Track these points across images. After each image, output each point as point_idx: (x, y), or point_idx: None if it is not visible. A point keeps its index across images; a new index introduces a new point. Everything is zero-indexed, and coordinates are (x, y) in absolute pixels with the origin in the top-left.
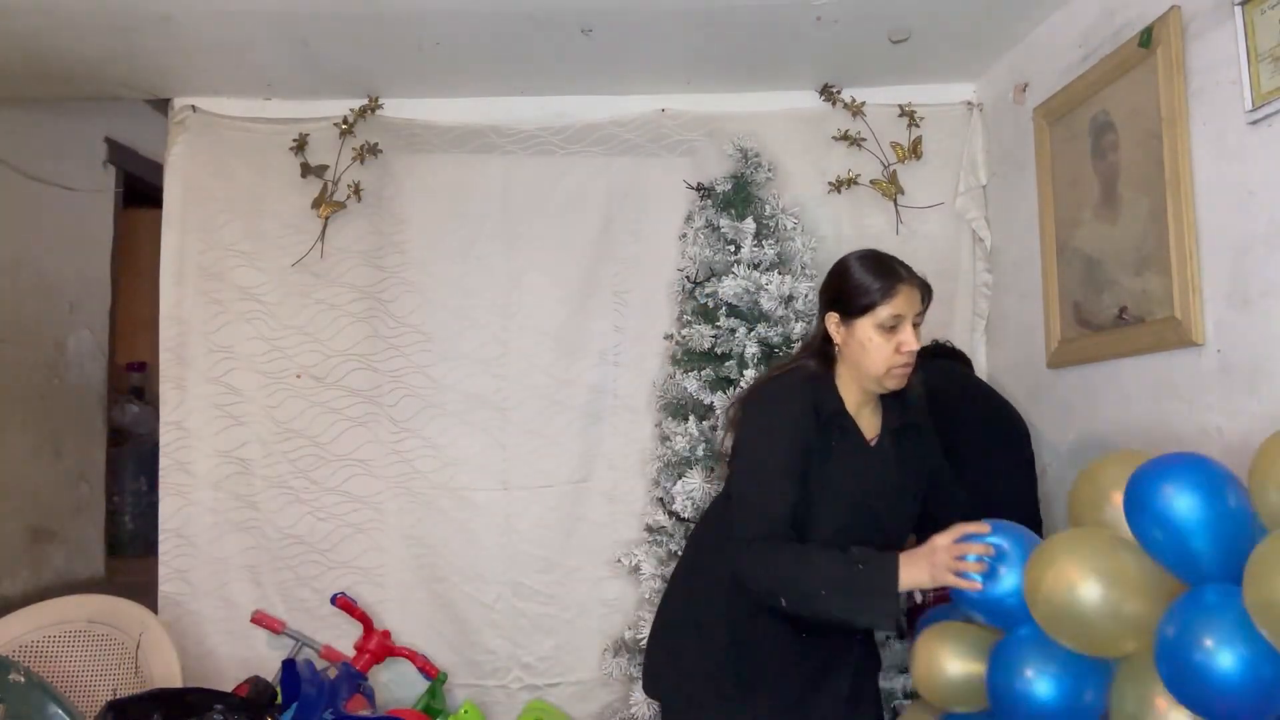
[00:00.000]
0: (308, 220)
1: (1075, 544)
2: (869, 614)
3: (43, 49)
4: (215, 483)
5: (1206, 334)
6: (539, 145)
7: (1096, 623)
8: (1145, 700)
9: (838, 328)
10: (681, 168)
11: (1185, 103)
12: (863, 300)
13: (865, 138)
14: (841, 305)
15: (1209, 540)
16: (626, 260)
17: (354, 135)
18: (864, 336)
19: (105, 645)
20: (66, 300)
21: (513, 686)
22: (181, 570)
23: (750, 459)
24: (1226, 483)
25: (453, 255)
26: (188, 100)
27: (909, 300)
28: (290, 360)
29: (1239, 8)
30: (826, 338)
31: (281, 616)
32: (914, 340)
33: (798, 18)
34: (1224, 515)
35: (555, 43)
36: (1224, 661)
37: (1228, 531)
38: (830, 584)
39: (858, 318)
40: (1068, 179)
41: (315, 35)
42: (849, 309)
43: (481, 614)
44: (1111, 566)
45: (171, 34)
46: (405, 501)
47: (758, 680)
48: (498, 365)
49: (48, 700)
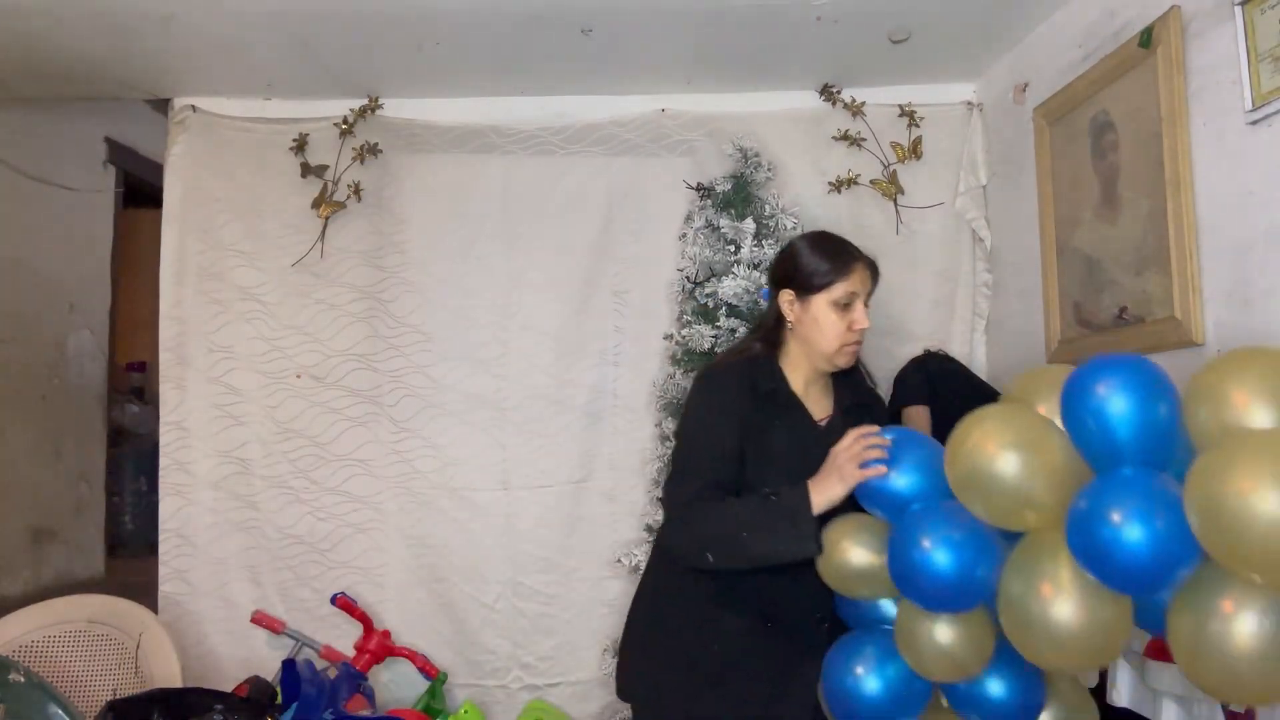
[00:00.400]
0: (308, 220)
1: (1008, 412)
2: (789, 541)
3: (43, 49)
4: (215, 483)
5: (1206, 334)
6: (539, 145)
7: (1008, 489)
8: (1032, 584)
9: (792, 305)
10: (681, 168)
11: (1185, 103)
12: (819, 278)
13: (865, 138)
14: (798, 283)
15: (1135, 436)
16: (626, 260)
17: (354, 135)
18: (819, 313)
19: (105, 645)
20: (66, 300)
21: (513, 686)
22: (181, 570)
23: (681, 440)
24: (1164, 391)
25: (453, 255)
26: (188, 100)
27: (862, 279)
28: (290, 360)
29: (1239, 8)
30: (777, 321)
31: (281, 616)
32: (865, 318)
33: (798, 18)
34: (1155, 419)
35: (555, 43)
36: (1132, 534)
37: (1155, 434)
38: (749, 525)
39: (814, 294)
40: (1068, 179)
41: (315, 35)
42: (806, 286)
43: (481, 614)
44: (1036, 439)
45: (172, 34)
46: (405, 501)
47: (729, 674)
48: (498, 365)
49: (48, 700)
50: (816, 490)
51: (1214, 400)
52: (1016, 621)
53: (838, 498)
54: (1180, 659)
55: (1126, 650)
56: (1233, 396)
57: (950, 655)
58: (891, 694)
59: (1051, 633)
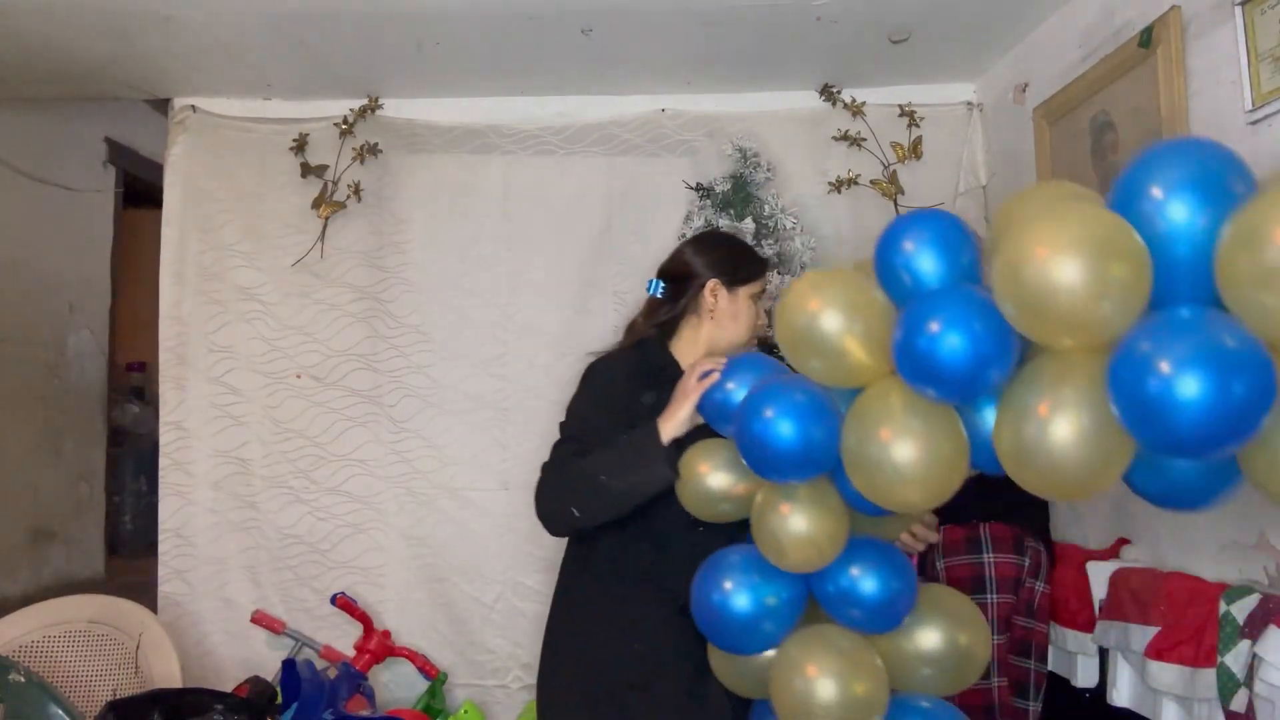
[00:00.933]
0: (308, 220)
1: (824, 274)
2: (644, 475)
3: (43, 49)
4: (215, 483)
5: None
6: (539, 145)
7: (829, 338)
8: (869, 436)
9: (715, 293)
10: (681, 168)
11: (1185, 103)
12: (745, 271)
13: (865, 138)
14: (729, 274)
15: (942, 279)
16: (626, 260)
17: (354, 135)
18: (741, 304)
19: (105, 645)
20: (66, 300)
21: (513, 686)
22: (181, 570)
23: (560, 428)
24: (966, 240)
25: (453, 255)
26: (188, 100)
27: (765, 279)
28: (290, 360)
29: (1239, 8)
30: (684, 308)
31: (281, 616)
32: (764, 316)
33: (798, 18)
34: (958, 264)
35: (555, 43)
36: (950, 340)
37: (960, 275)
38: (605, 468)
39: (741, 286)
40: (1068, 179)
41: (315, 35)
42: (735, 278)
43: (481, 614)
44: (852, 293)
45: (171, 34)
46: (405, 501)
47: (649, 670)
48: (498, 365)
49: (48, 700)
50: (664, 419)
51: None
52: (858, 464)
53: (684, 418)
54: (1006, 464)
55: (1127, 650)
56: (1035, 251)
57: (805, 537)
58: (762, 607)
59: (895, 469)
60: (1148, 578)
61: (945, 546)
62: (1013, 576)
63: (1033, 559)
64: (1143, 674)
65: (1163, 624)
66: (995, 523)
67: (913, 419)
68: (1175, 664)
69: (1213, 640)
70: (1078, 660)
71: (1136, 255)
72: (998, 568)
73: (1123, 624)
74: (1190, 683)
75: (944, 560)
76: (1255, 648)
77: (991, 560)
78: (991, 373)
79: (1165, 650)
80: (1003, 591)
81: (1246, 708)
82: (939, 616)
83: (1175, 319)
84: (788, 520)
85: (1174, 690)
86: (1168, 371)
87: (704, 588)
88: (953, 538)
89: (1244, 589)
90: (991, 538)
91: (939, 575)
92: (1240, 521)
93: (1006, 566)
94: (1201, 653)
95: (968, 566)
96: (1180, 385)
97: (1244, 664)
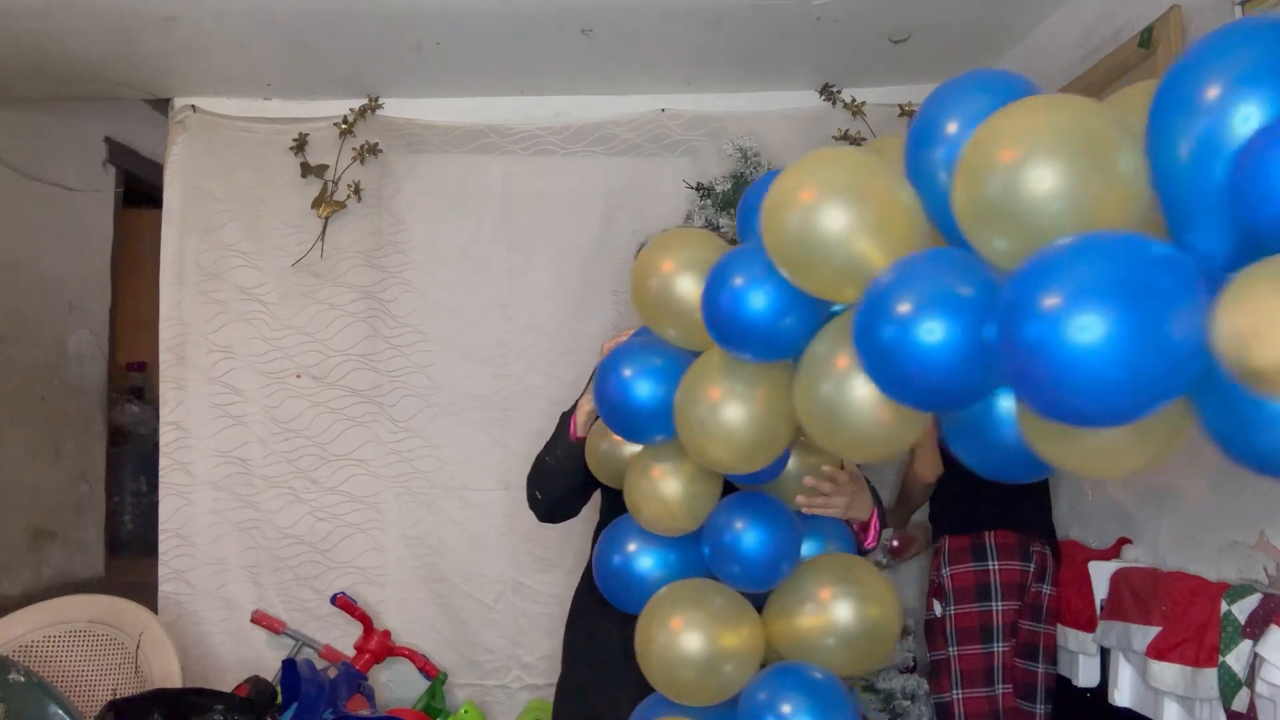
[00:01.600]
0: (308, 220)
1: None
2: (561, 446)
3: (43, 49)
4: (215, 483)
5: None
6: (539, 145)
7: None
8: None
9: None
10: (681, 168)
11: None
12: None
13: (865, 138)
14: None
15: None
16: (626, 260)
17: (354, 135)
18: None
19: (105, 645)
20: (66, 300)
21: (513, 686)
22: (181, 570)
23: None
24: None
25: (453, 255)
26: (188, 100)
27: None
28: (290, 360)
29: (1239, 8)
30: None
31: (281, 616)
32: None
33: (798, 18)
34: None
35: (555, 43)
36: (755, 299)
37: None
38: (549, 450)
39: None
40: None
41: (315, 35)
42: None
43: (481, 614)
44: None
45: (172, 34)
46: (405, 501)
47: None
48: (498, 365)
49: (48, 700)
50: (584, 396)
51: None
52: (680, 424)
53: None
54: (805, 422)
55: (1128, 650)
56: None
57: (655, 495)
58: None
59: (700, 427)
60: (1149, 577)
61: (950, 555)
62: (1017, 583)
63: (1038, 562)
64: (1144, 674)
65: (1164, 624)
66: (1001, 530)
67: (729, 380)
68: (1176, 664)
69: (1214, 640)
70: (1079, 660)
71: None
72: (1002, 574)
73: (1124, 624)
74: (1191, 682)
75: (949, 569)
76: (1256, 647)
77: (996, 568)
78: (788, 329)
79: (1166, 650)
80: (1007, 598)
81: (1248, 707)
82: (848, 586)
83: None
84: (643, 480)
85: (1175, 690)
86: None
87: (605, 552)
88: (957, 546)
89: (1245, 588)
90: (996, 545)
91: (944, 584)
92: (1240, 521)
93: (1011, 573)
94: (1203, 652)
95: (972, 574)
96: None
97: (1245, 664)
